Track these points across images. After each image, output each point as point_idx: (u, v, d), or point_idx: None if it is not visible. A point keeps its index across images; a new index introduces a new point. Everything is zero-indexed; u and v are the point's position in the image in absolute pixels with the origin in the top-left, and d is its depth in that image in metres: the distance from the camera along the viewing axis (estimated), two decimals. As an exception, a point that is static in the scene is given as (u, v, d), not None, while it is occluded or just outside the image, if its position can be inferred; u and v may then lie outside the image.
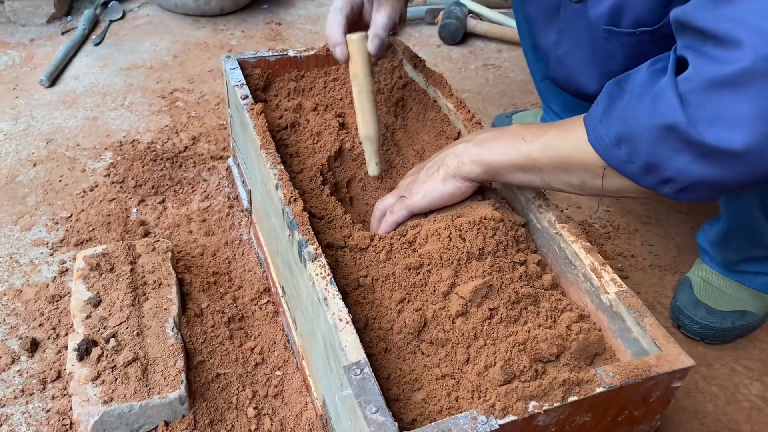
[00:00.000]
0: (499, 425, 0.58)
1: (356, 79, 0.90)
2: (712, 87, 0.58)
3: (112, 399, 0.83)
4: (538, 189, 0.84)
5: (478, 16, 2.05)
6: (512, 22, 1.97)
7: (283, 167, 0.88)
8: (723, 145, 0.58)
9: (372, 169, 0.97)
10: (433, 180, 0.84)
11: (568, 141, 0.72)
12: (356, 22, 0.96)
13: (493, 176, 0.81)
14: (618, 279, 0.74)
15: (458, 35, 1.95)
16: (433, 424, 0.58)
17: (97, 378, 0.85)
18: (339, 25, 0.88)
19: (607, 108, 0.68)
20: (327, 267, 0.74)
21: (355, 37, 0.88)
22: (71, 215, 1.22)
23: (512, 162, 0.78)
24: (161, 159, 1.34)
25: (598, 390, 0.62)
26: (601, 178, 0.71)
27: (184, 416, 0.86)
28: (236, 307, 1.04)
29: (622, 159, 0.66)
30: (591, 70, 0.91)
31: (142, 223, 1.20)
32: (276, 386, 0.93)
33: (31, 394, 0.91)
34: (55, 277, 1.09)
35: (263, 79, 1.11)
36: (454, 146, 0.85)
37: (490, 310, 0.73)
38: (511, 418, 0.59)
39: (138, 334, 0.90)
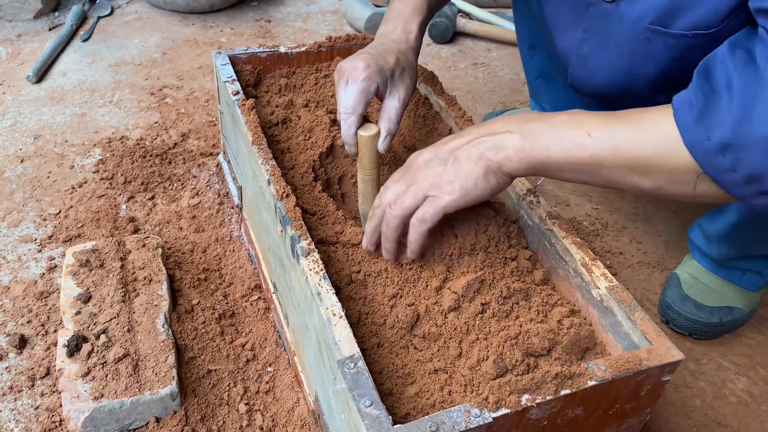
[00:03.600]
0: (493, 418, 0.59)
1: (363, 170, 0.88)
2: None
3: (102, 395, 0.82)
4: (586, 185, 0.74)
5: (468, 15, 2.05)
6: (502, 22, 1.98)
7: (275, 163, 0.88)
8: None
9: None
10: (472, 175, 0.71)
11: (652, 140, 0.64)
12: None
13: (540, 173, 0.72)
14: (608, 274, 0.75)
15: (448, 34, 1.95)
16: (427, 417, 0.58)
17: (87, 374, 0.84)
18: (352, 126, 0.84)
19: (703, 109, 0.61)
20: (320, 262, 0.74)
21: (366, 137, 0.84)
22: (59, 212, 1.21)
23: (575, 161, 0.67)
24: (150, 155, 1.33)
25: (590, 383, 0.63)
26: (686, 184, 0.64)
27: (175, 412, 0.86)
28: (227, 303, 1.04)
29: (725, 167, 0.60)
30: (616, 71, 0.86)
31: (132, 219, 1.19)
32: (267, 382, 0.93)
33: (19, 391, 0.90)
34: (43, 274, 1.08)
35: (254, 75, 1.11)
36: (487, 136, 0.72)
37: (482, 304, 0.73)
38: (504, 411, 0.60)
39: (128, 330, 0.90)
